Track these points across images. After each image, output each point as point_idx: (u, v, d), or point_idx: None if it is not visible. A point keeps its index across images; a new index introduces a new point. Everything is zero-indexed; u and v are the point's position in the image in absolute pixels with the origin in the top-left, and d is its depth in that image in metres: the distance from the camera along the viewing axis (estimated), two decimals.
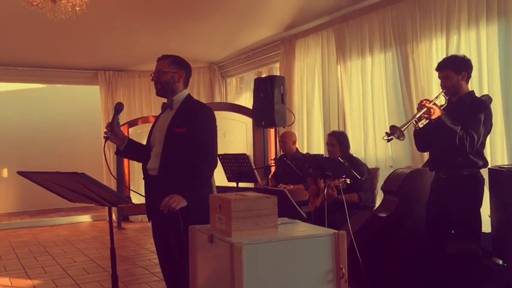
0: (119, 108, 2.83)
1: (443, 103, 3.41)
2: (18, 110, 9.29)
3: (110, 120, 2.82)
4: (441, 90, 3.35)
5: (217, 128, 2.85)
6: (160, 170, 2.75)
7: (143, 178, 2.89)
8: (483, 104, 3.27)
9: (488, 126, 3.26)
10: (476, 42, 4.12)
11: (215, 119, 2.84)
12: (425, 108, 3.16)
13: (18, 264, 5.41)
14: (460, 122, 3.15)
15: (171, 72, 2.84)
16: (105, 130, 2.83)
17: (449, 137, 3.13)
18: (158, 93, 2.89)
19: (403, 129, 3.15)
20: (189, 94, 2.92)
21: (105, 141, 2.84)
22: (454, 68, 3.29)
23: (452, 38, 4.27)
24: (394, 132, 3.16)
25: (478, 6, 4.05)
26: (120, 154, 2.96)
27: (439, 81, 3.39)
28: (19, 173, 2.47)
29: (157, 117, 2.99)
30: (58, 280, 4.69)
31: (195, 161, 2.68)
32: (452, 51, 4.17)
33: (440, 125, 3.15)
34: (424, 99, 3.27)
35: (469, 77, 3.37)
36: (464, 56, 3.43)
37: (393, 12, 4.86)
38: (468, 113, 3.20)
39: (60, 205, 8.71)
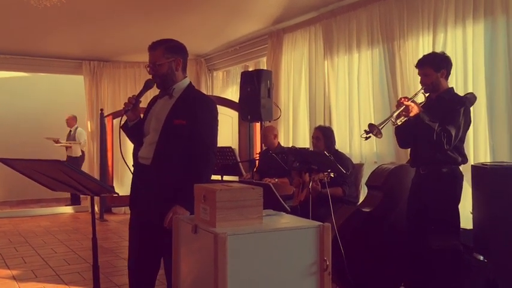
0: (149, 84, 2.68)
1: (423, 100, 3.43)
2: (1, 98, 9.14)
3: (136, 94, 2.66)
4: (421, 87, 3.38)
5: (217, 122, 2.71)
6: (155, 160, 2.62)
7: (133, 165, 2.77)
8: (461, 101, 3.31)
9: (467, 123, 3.30)
10: (462, 41, 4.15)
11: (217, 112, 2.71)
12: (404, 106, 3.19)
13: None
14: (439, 119, 3.19)
15: (167, 63, 2.64)
16: (127, 102, 2.65)
17: (427, 133, 3.17)
18: (159, 87, 2.72)
19: (380, 127, 3.19)
20: (190, 83, 2.75)
21: (123, 115, 2.69)
22: (433, 66, 3.33)
23: (439, 36, 4.29)
24: (372, 130, 3.21)
25: (465, 5, 4.08)
26: (126, 129, 2.79)
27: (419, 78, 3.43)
28: (0, 160, 2.42)
29: (152, 101, 2.82)
30: (38, 271, 4.63)
31: (196, 162, 2.55)
32: (439, 49, 4.19)
33: (419, 121, 3.18)
34: (403, 97, 3.31)
35: (448, 74, 3.40)
36: (444, 53, 3.47)
37: (381, 8, 4.87)
38: (447, 109, 3.24)
39: (42, 196, 8.63)
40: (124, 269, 4.64)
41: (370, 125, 3.24)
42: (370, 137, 3.25)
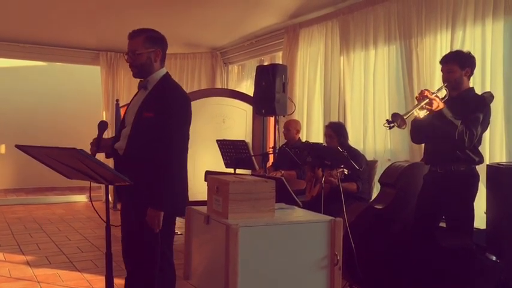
0: (103, 126, 2.74)
1: (444, 96, 3.40)
2: (18, 86, 9.26)
3: (96, 138, 2.72)
4: (443, 83, 3.35)
5: (193, 117, 2.70)
6: (126, 150, 2.68)
7: (113, 157, 2.81)
8: (483, 101, 3.28)
9: (486, 124, 3.27)
10: (481, 39, 4.09)
11: (188, 108, 2.69)
12: (427, 99, 3.15)
13: (12, 240, 5.43)
14: (458, 118, 3.15)
15: (146, 53, 2.68)
16: (91, 148, 2.72)
17: (449, 130, 3.14)
18: (135, 76, 2.76)
19: (405, 117, 3.14)
20: (166, 74, 2.75)
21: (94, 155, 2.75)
22: (459, 63, 3.29)
23: (458, 34, 4.25)
24: (396, 119, 3.13)
25: (485, 3, 4.02)
26: (110, 156, 2.86)
27: (441, 74, 3.40)
28: (17, 146, 2.45)
29: (133, 97, 2.87)
30: (52, 257, 4.71)
31: (164, 158, 2.54)
32: (457, 47, 4.14)
33: (441, 117, 3.15)
34: (425, 89, 3.26)
35: (471, 73, 3.37)
36: (470, 53, 3.43)
37: (399, 5, 4.82)
38: (468, 109, 3.21)
39: (56, 184, 8.73)
40: None
41: (394, 115, 3.15)
42: (393, 126, 3.15)
